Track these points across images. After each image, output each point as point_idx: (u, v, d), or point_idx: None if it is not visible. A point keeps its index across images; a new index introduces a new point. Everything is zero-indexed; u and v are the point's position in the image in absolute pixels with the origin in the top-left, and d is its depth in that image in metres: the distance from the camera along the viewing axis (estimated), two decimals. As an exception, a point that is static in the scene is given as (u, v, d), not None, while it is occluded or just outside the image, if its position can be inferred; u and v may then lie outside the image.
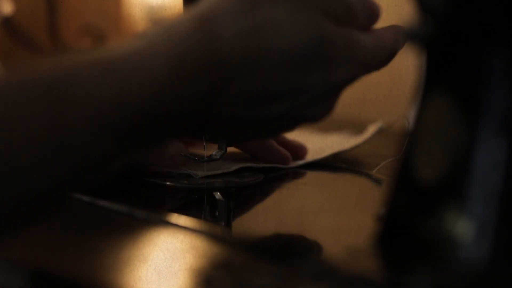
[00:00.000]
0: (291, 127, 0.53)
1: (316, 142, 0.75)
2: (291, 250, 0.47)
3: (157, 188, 0.63)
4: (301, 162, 0.70)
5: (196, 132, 0.57)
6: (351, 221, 0.56)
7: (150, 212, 0.53)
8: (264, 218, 0.58)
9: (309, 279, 0.43)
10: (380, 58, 0.53)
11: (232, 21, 0.47)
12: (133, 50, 0.45)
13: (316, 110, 0.51)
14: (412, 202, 0.46)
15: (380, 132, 0.77)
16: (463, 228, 0.43)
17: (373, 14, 0.53)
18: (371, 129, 0.77)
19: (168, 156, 0.64)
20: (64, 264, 0.45)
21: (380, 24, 0.53)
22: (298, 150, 0.70)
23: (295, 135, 0.73)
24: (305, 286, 0.43)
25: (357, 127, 0.78)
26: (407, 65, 0.70)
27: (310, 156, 0.71)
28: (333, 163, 0.71)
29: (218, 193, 0.62)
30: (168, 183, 0.63)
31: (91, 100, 0.43)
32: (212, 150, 0.65)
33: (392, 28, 0.54)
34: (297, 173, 0.69)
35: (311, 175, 0.69)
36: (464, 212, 0.43)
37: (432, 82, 0.45)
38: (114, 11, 1.15)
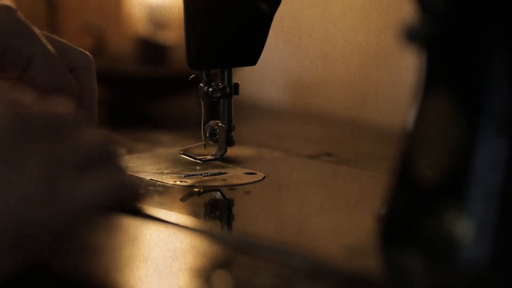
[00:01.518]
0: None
1: None
2: (291, 250, 0.46)
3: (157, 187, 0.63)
4: None
5: None
6: (351, 221, 0.56)
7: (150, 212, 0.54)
8: (264, 218, 0.58)
9: (308, 278, 0.43)
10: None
11: None
12: None
13: None
14: (412, 202, 0.46)
15: None
16: (463, 228, 0.43)
17: None
18: None
19: None
20: (64, 264, 0.45)
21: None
22: None
23: None
24: (305, 286, 0.43)
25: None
26: (407, 65, 0.70)
27: None
28: (332, 163, 0.71)
29: (218, 193, 0.62)
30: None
31: None
32: (212, 150, 0.65)
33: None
34: (297, 173, 0.69)
35: (311, 175, 0.69)
36: (464, 212, 0.43)
37: (432, 82, 0.45)
38: (114, 11, 1.15)
